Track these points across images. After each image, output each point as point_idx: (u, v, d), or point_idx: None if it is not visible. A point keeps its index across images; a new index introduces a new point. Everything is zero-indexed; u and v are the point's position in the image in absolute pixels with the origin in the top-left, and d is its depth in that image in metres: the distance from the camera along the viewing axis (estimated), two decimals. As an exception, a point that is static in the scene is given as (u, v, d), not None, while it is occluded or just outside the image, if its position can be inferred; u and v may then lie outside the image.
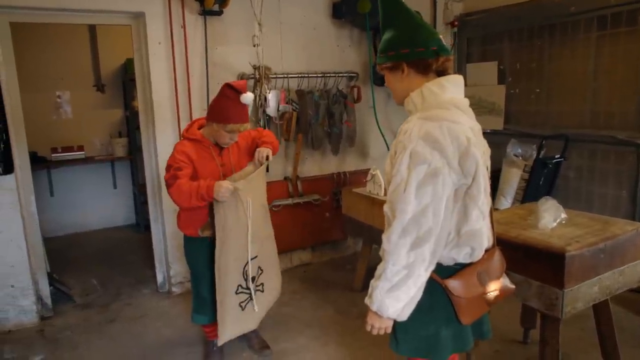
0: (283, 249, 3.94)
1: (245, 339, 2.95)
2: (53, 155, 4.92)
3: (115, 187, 5.49)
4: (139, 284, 3.94)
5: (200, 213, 2.43)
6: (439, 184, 1.38)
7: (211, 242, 2.46)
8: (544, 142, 3.55)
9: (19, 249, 3.18)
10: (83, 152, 5.08)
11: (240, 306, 2.52)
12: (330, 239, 4.30)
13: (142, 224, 5.29)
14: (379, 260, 1.51)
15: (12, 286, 3.20)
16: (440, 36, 1.56)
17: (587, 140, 3.68)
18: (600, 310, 2.35)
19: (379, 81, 4.13)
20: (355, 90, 4.06)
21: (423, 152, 1.39)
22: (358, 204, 3.43)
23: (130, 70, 4.92)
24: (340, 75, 4.02)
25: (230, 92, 2.27)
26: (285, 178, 4.01)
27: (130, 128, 5.16)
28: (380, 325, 1.51)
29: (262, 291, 2.65)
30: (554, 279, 1.97)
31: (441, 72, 1.53)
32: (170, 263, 3.67)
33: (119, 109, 5.40)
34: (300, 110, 3.81)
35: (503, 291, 1.64)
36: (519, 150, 3.89)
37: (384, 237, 1.45)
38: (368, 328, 1.54)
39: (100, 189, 5.42)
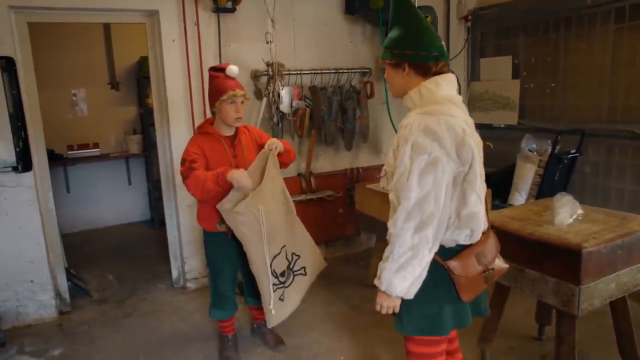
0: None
1: (260, 335, 2.97)
2: (69, 152, 4.99)
3: (130, 183, 5.55)
4: (154, 279, 3.99)
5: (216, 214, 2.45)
6: (439, 172, 1.50)
7: (230, 237, 2.49)
8: (559, 137, 3.50)
9: (37, 245, 3.24)
10: (98, 149, 5.14)
11: (280, 299, 2.53)
12: (343, 235, 4.30)
13: (156, 220, 5.35)
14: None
15: (32, 281, 3.26)
16: (443, 43, 1.69)
17: (603, 135, 3.62)
18: (617, 307, 2.32)
19: (392, 77, 4.11)
20: (368, 86, 4.05)
21: (423, 144, 1.51)
22: (372, 200, 3.43)
23: (144, 67, 4.97)
24: (353, 71, 4.01)
25: (215, 72, 2.42)
26: (299, 174, 4.02)
27: (145, 125, 5.21)
28: (388, 304, 1.63)
29: (305, 274, 2.66)
30: (570, 276, 1.95)
31: (438, 74, 1.66)
32: (185, 258, 3.71)
33: (133, 106, 5.45)
34: (313, 107, 3.81)
35: (498, 270, 1.76)
36: (534, 146, 3.85)
37: (390, 222, 1.57)
38: (378, 308, 1.67)
39: (115, 185, 5.49)
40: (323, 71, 3.89)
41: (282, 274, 2.54)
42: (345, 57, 4.08)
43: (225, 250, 2.58)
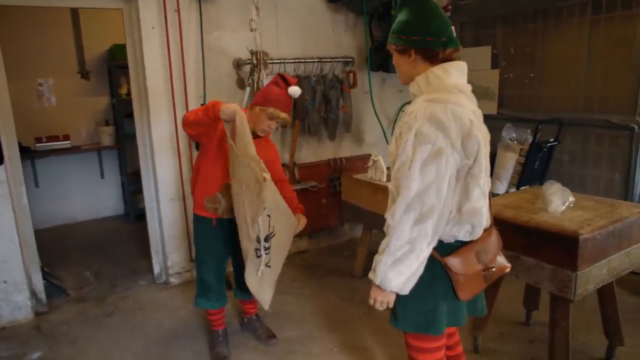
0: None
1: (251, 329, 2.93)
2: (37, 145, 4.74)
3: (102, 177, 5.34)
4: (135, 275, 3.86)
5: (215, 181, 2.41)
6: (442, 163, 1.45)
7: (215, 226, 2.47)
8: (539, 126, 3.58)
9: (11, 243, 3.07)
10: (69, 142, 4.90)
11: (267, 266, 2.41)
12: (327, 226, 4.29)
13: (132, 214, 5.18)
14: (377, 245, 1.57)
15: (5, 282, 3.09)
16: (453, 27, 1.61)
17: (581, 124, 3.72)
18: (605, 291, 2.40)
19: (375, 66, 4.10)
20: (351, 75, 4.02)
21: (428, 132, 1.45)
22: (359, 190, 3.41)
23: (116, 56, 4.77)
24: (336, 60, 3.97)
25: (281, 81, 2.35)
26: (283, 165, 3.96)
27: (118, 116, 5.01)
28: (382, 299, 1.57)
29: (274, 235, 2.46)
30: (567, 262, 2.00)
31: (447, 61, 1.58)
32: (167, 253, 3.60)
33: (105, 97, 5.22)
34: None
35: (499, 269, 1.72)
36: (514, 135, 3.92)
37: (388, 213, 1.52)
38: (371, 302, 1.61)
39: (87, 179, 5.26)
40: (306, 60, 3.83)
41: (266, 239, 2.39)
42: (328, 46, 4.03)
43: (210, 238, 2.55)
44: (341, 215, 4.07)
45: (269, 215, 2.26)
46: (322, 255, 4.16)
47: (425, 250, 1.49)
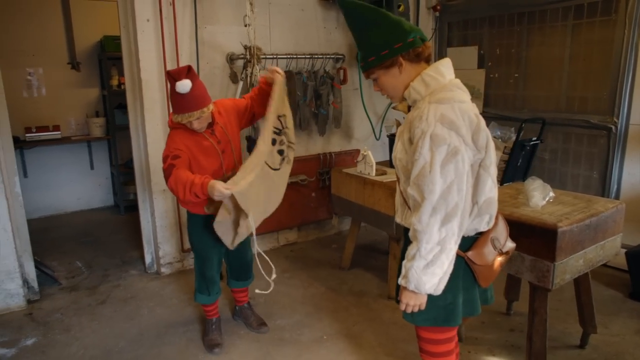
0: (270, 229, 4.02)
1: (242, 317, 3.01)
2: (27, 135, 4.74)
3: (92, 168, 5.35)
4: (126, 265, 3.91)
5: None
6: (459, 161, 1.48)
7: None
8: (523, 125, 3.72)
9: (4, 232, 3.10)
10: (59, 132, 4.91)
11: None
12: (316, 219, 4.38)
13: (121, 206, 5.20)
14: (367, 239, 1.65)
15: (-3, 269, 3.13)
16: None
17: (562, 124, 3.88)
18: (580, 281, 2.54)
19: (365, 64, 4.19)
20: (342, 72, 4.10)
21: (442, 134, 1.48)
22: (348, 184, 3.51)
23: (108, 47, 4.78)
24: (327, 57, 4.05)
25: (170, 80, 2.18)
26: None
27: (108, 108, 5.02)
28: (415, 303, 1.60)
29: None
30: (546, 253, 2.12)
31: (427, 59, 1.64)
32: (159, 244, 3.65)
33: (95, 88, 5.22)
34: (288, 91, 3.82)
35: (510, 251, 1.79)
36: (499, 133, 4.06)
37: (414, 219, 1.53)
38: (403, 307, 1.63)
39: (76, 170, 5.27)
40: (298, 56, 3.90)
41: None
42: (320, 42, 4.11)
43: (208, 234, 2.53)
44: (330, 208, 4.17)
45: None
46: (311, 248, 4.25)
47: (453, 249, 1.53)
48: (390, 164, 3.62)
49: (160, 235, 3.65)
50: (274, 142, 2.40)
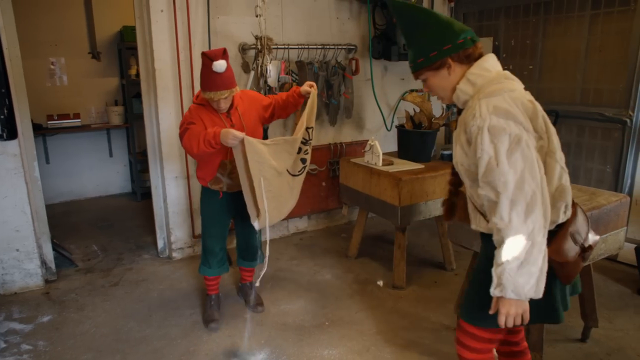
0: (281, 217, 4.07)
1: (243, 294, 3.13)
2: (49, 122, 4.91)
3: (111, 155, 5.51)
4: (139, 250, 4.04)
5: (213, 165, 2.57)
6: (524, 148, 1.42)
7: (221, 197, 2.67)
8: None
9: (23, 214, 3.24)
10: (79, 120, 5.07)
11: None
12: (325, 208, 4.42)
13: (138, 193, 5.35)
14: (376, 229, 1.60)
15: (17, 250, 3.27)
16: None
17: (576, 117, 3.81)
18: (582, 275, 2.51)
19: (378, 54, 4.20)
20: (354, 62, 4.12)
21: (499, 124, 1.43)
22: (356, 174, 3.54)
23: (127, 37, 4.90)
24: (339, 47, 4.06)
25: (206, 60, 2.32)
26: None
27: (127, 96, 5.15)
28: (517, 311, 1.45)
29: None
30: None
31: (480, 56, 1.59)
32: (171, 229, 3.76)
33: (115, 77, 5.37)
34: (299, 81, 3.86)
35: (594, 245, 1.69)
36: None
37: (494, 219, 1.43)
38: (502, 320, 1.46)
39: (96, 157, 5.44)
40: (310, 46, 3.93)
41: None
42: (332, 33, 4.13)
43: (216, 208, 2.72)
44: (340, 198, 4.21)
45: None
46: (320, 237, 4.30)
47: (543, 242, 1.41)
48: (399, 155, 3.64)
49: (173, 221, 3.76)
50: (299, 150, 2.57)
